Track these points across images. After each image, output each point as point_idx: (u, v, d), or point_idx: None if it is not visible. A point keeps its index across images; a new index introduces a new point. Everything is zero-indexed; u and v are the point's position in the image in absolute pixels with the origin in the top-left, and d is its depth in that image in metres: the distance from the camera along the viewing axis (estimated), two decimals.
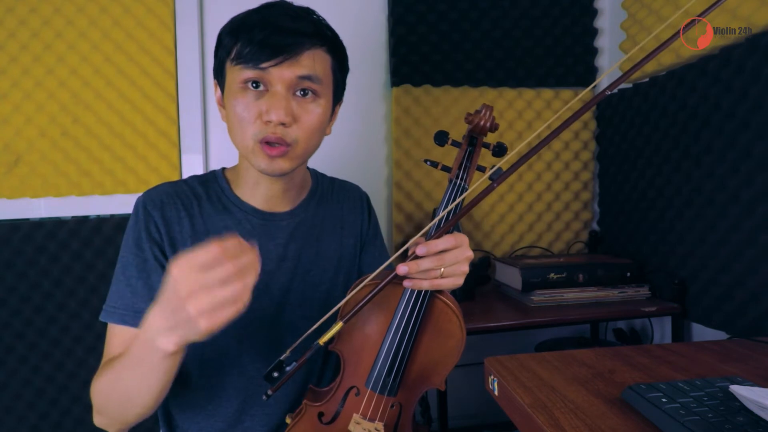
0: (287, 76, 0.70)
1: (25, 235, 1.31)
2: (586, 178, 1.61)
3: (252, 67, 0.69)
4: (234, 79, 0.71)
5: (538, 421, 0.55)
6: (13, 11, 1.29)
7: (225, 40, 0.72)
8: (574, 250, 1.62)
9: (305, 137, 0.73)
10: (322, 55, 0.73)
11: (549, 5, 1.53)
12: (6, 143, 1.31)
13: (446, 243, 0.65)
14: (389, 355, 0.72)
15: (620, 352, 0.76)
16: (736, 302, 1.05)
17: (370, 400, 0.73)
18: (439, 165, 0.76)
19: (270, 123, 0.70)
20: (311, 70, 0.71)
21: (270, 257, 0.81)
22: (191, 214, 0.79)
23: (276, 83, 0.70)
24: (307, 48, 0.70)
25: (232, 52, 0.71)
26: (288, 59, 0.69)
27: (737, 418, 0.49)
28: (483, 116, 0.74)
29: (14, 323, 1.31)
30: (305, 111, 0.72)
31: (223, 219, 0.80)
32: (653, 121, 1.31)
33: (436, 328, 0.73)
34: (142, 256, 0.75)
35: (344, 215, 0.92)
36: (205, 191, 0.82)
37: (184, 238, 0.77)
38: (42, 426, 1.34)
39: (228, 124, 0.75)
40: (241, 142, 0.73)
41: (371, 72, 1.51)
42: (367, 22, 1.49)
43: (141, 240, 0.76)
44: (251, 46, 0.68)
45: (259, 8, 0.71)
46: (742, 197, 1.03)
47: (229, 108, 0.73)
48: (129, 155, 1.37)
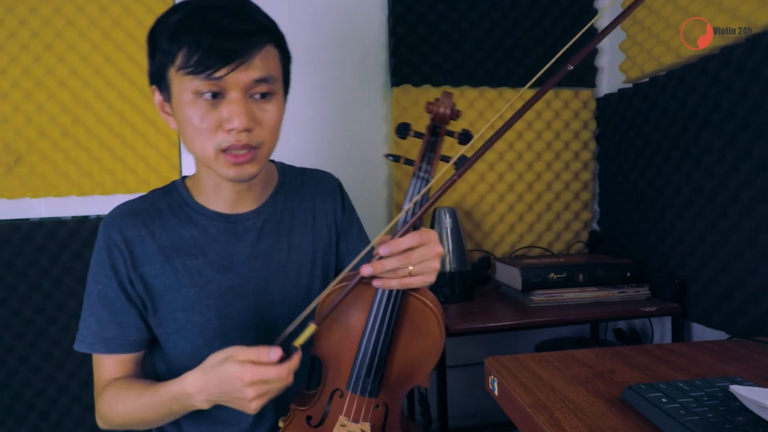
0: (243, 80, 0.67)
1: (25, 235, 1.31)
2: (586, 178, 1.61)
3: (204, 77, 0.65)
4: (184, 88, 0.67)
5: (538, 421, 0.55)
6: (13, 11, 1.29)
7: (164, 44, 0.67)
8: (574, 250, 1.62)
9: (269, 138, 0.72)
10: (271, 51, 0.70)
11: (549, 5, 1.53)
12: (6, 143, 1.31)
13: (411, 241, 0.63)
14: (366, 357, 0.71)
15: (620, 352, 0.76)
16: (736, 302, 1.05)
17: (353, 402, 0.73)
18: (402, 159, 0.73)
19: (233, 131, 0.67)
20: (265, 71, 0.69)
21: (240, 259, 0.80)
22: (152, 231, 0.78)
23: (231, 90, 0.66)
24: (257, 48, 0.67)
25: (176, 59, 0.66)
26: (241, 64, 0.65)
27: (737, 418, 0.48)
28: (442, 104, 0.71)
29: (14, 323, 1.31)
30: (265, 112, 0.71)
31: (188, 229, 0.79)
32: (653, 121, 1.31)
33: (412, 326, 0.72)
34: (104, 283, 0.76)
35: (315, 205, 0.89)
36: (167, 204, 0.81)
37: (149, 256, 0.77)
38: (42, 426, 1.34)
39: (182, 133, 0.72)
40: (201, 153, 0.70)
41: (371, 72, 1.51)
42: (367, 22, 1.49)
43: (104, 268, 0.76)
44: (199, 54, 0.64)
45: (196, 8, 0.67)
46: (742, 197, 1.03)
47: (182, 118, 0.69)
48: (129, 155, 1.37)
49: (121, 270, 0.76)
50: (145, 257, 0.77)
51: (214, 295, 0.78)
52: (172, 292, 0.77)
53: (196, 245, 0.79)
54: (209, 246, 0.79)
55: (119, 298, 0.76)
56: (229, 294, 0.79)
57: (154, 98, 0.75)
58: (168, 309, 0.78)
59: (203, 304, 0.78)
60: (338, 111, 1.49)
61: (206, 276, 0.78)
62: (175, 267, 0.77)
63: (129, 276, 0.76)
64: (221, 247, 0.80)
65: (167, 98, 0.72)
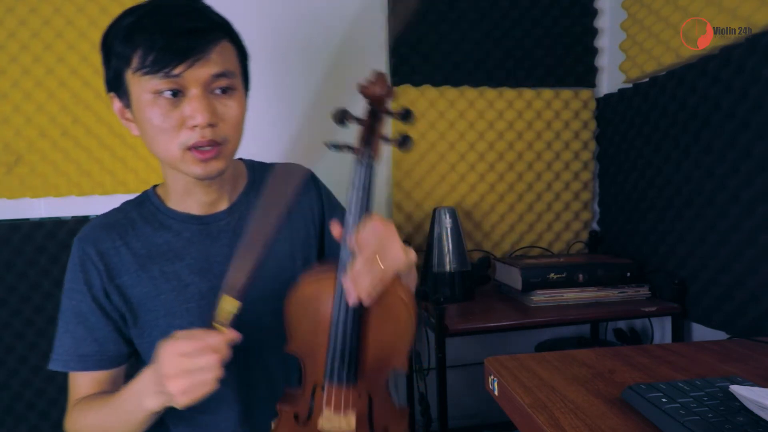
0: (202, 76, 0.67)
1: (25, 235, 1.31)
2: (586, 178, 1.61)
3: (162, 75, 0.65)
4: (143, 89, 0.67)
5: (538, 421, 0.55)
6: (13, 11, 1.29)
7: (117, 48, 0.68)
8: (574, 250, 1.62)
9: (233, 133, 0.73)
10: (227, 47, 0.71)
11: (549, 5, 1.53)
12: (6, 143, 1.31)
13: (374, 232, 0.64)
14: (338, 347, 0.71)
15: (620, 352, 0.76)
16: (736, 302, 1.05)
17: (334, 394, 0.72)
18: (343, 147, 0.71)
19: (196, 128, 0.67)
20: (223, 66, 0.69)
21: (218, 260, 0.79)
22: (127, 242, 0.78)
23: (191, 86, 0.67)
24: (213, 44, 0.68)
25: (132, 62, 0.66)
26: (198, 60, 0.66)
27: (737, 418, 0.49)
28: (377, 84, 0.70)
29: (14, 323, 1.31)
30: (226, 107, 0.71)
31: (162, 235, 0.79)
32: (653, 121, 1.31)
33: (380, 310, 0.71)
34: (78, 299, 0.76)
35: (289, 200, 0.89)
36: (140, 214, 0.81)
37: (126, 266, 0.77)
38: (42, 426, 1.34)
39: (144, 136, 0.71)
40: (165, 153, 0.70)
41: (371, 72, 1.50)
42: (367, 22, 1.49)
43: (77, 283, 0.76)
44: (155, 53, 0.64)
45: (147, 10, 0.67)
46: (742, 197, 1.03)
47: (142, 120, 0.69)
48: (129, 155, 1.37)
49: (95, 284, 0.76)
50: (121, 268, 0.77)
51: (195, 298, 0.78)
52: (151, 300, 0.77)
53: (170, 250, 0.78)
54: (184, 250, 0.79)
55: (94, 313, 0.76)
56: (210, 295, 0.78)
57: (113, 106, 0.74)
58: (149, 317, 0.77)
59: (183, 308, 0.77)
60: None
61: (185, 279, 0.78)
62: (152, 274, 0.77)
63: (105, 289, 0.76)
64: (196, 250, 0.79)
65: (126, 104, 0.72)
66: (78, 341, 0.76)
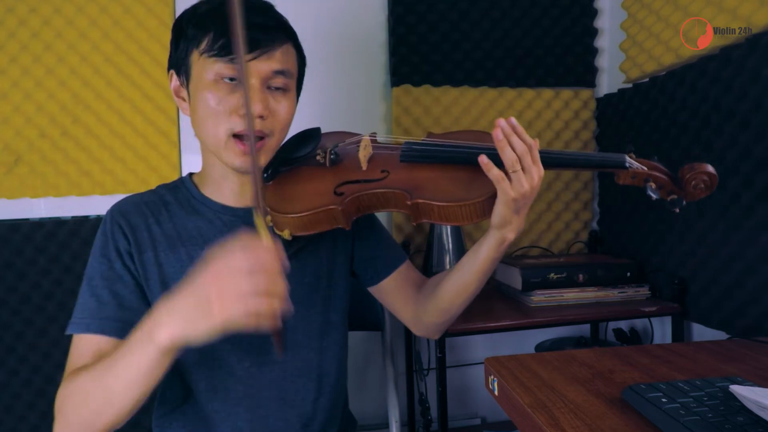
0: (264, 69, 0.71)
1: (25, 235, 1.31)
2: (586, 178, 1.60)
3: (227, 60, 0.68)
4: (205, 71, 0.70)
5: (538, 421, 0.55)
6: (13, 11, 1.29)
7: (189, 31, 0.72)
8: (574, 250, 1.62)
9: (279, 130, 0.75)
10: (290, 50, 0.75)
11: (549, 5, 1.53)
12: (6, 143, 1.31)
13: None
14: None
15: (620, 352, 0.76)
16: (736, 302, 1.05)
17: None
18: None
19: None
20: (285, 65, 0.73)
21: None
22: (159, 221, 0.79)
23: (252, 77, 0.70)
24: (280, 43, 0.72)
25: (201, 44, 0.70)
26: (264, 53, 0.70)
27: (737, 418, 0.49)
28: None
29: (14, 323, 1.31)
30: (279, 104, 0.74)
31: (194, 221, 0.80)
32: (653, 121, 1.31)
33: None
34: (107, 264, 0.75)
35: None
36: (174, 197, 0.82)
37: (154, 243, 0.77)
38: (42, 426, 1.34)
39: (194, 116, 0.74)
40: (212, 136, 0.72)
41: (371, 72, 1.51)
42: (367, 22, 1.49)
43: (107, 250, 0.76)
44: (225, 39, 0.67)
45: (224, 1, 0.69)
46: (742, 197, 1.03)
47: (198, 100, 0.72)
48: (129, 155, 1.37)
49: (126, 253, 0.76)
50: (149, 244, 0.77)
51: None
52: (173, 281, 0.77)
53: (200, 235, 0.79)
54: (215, 237, 0.79)
55: (121, 279, 0.75)
56: None
57: (170, 83, 0.78)
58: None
59: None
60: (338, 111, 1.49)
61: None
62: (179, 256, 0.78)
63: (133, 260, 0.76)
64: (226, 240, 0.79)
65: (184, 82, 0.75)
66: (102, 304, 0.74)
